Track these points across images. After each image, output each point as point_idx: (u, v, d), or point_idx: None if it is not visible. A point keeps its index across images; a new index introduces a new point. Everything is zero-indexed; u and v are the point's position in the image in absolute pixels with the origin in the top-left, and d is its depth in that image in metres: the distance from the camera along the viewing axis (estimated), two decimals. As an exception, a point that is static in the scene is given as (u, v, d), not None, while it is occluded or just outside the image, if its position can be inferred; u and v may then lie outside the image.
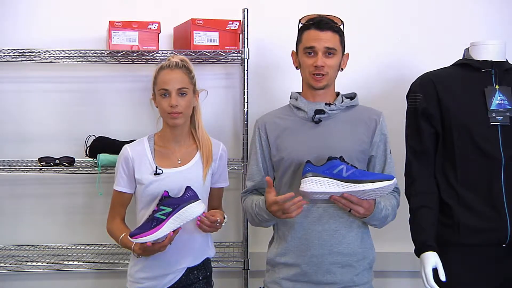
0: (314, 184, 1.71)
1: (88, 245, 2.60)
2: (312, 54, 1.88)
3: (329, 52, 1.87)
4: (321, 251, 1.85)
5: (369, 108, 1.99)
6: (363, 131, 1.91)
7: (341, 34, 1.92)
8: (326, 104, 1.91)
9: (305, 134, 1.89)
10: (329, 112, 1.90)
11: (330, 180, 1.71)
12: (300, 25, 1.96)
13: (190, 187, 1.89)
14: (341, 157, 1.76)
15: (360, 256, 1.89)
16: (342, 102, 1.94)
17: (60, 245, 2.60)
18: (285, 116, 1.96)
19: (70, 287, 2.63)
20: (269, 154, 1.96)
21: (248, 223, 2.45)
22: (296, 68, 1.98)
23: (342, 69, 1.96)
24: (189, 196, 1.87)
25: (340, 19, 1.95)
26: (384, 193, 1.73)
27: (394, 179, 1.71)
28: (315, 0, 2.51)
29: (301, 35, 1.93)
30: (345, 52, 1.96)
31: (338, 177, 1.71)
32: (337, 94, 1.99)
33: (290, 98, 2.00)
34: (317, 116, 1.89)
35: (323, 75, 1.87)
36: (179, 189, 1.92)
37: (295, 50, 1.98)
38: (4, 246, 2.58)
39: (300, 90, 2.00)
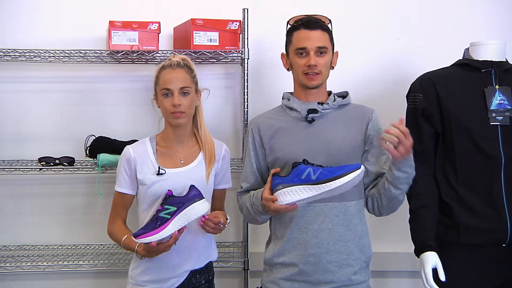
0: (288, 195, 1.72)
1: (88, 245, 2.60)
2: (304, 54, 1.88)
3: (320, 51, 1.88)
4: (318, 250, 1.85)
5: (361, 106, 1.99)
6: (356, 129, 1.91)
7: (329, 32, 1.93)
8: (318, 103, 1.91)
9: (298, 134, 1.90)
10: (322, 111, 1.90)
11: (301, 186, 1.71)
12: (289, 26, 1.96)
13: (194, 185, 1.88)
14: (304, 160, 1.75)
15: (357, 255, 1.89)
16: (334, 101, 1.94)
17: (60, 245, 2.59)
18: (278, 117, 1.97)
19: (70, 287, 2.63)
20: (263, 155, 1.96)
21: (248, 222, 2.45)
22: (287, 70, 1.99)
23: (333, 68, 1.96)
24: (194, 194, 1.86)
25: (328, 18, 1.95)
26: (356, 183, 1.72)
27: (362, 167, 1.71)
28: (314, 0, 2.51)
29: (290, 36, 1.93)
30: (335, 51, 1.96)
31: (308, 181, 1.70)
32: (329, 93, 1.99)
33: (283, 98, 2.00)
34: (310, 115, 1.89)
35: (316, 73, 1.87)
36: (182, 189, 1.91)
37: (285, 52, 1.98)
38: (4, 246, 2.58)
39: (293, 91, 2.00)
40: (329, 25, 1.94)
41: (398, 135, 1.71)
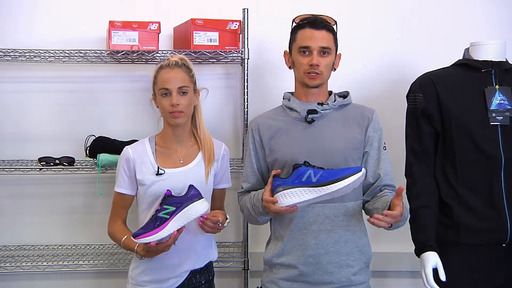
0: (288, 197, 1.72)
1: (88, 245, 2.60)
2: (307, 53, 1.88)
3: (323, 51, 1.88)
4: (318, 251, 1.86)
5: (362, 106, 1.99)
6: (356, 129, 1.91)
7: (334, 33, 1.93)
8: (318, 103, 1.91)
9: (298, 135, 1.90)
10: (321, 111, 1.90)
11: (301, 189, 1.71)
12: (294, 24, 1.96)
13: (193, 185, 1.88)
14: (305, 162, 1.75)
15: (356, 255, 1.89)
16: (334, 101, 1.94)
17: (60, 245, 2.59)
18: (278, 117, 1.97)
19: (70, 287, 2.63)
20: (263, 155, 1.96)
21: (248, 223, 2.45)
22: (289, 68, 1.99)
23: (335, 69, 1.96)
24: (193, 194, 1.86)
25: (334, 19, 1.95)
26: (357, 186, 1.72)
27: (363, 169, 1.71)
28: (314, 0, 2.51)
29: (295, 34, 1.93)
30: (338, 52, 1.96)
31: (308, 183, 1.70)
32: (330, 93, 1.99)
33: (283, 98, 2.00)
34: (309, 116, 1.89)
35: (317, 73, 1.87)
36: (181, 189, 1.90)
37: (288, 50, 1.98)
38: (4, 246, 2.58)
39: (294, 90, 2.00)
40: (335, 27, 1.94)
41: (387, 222, 1.70)
